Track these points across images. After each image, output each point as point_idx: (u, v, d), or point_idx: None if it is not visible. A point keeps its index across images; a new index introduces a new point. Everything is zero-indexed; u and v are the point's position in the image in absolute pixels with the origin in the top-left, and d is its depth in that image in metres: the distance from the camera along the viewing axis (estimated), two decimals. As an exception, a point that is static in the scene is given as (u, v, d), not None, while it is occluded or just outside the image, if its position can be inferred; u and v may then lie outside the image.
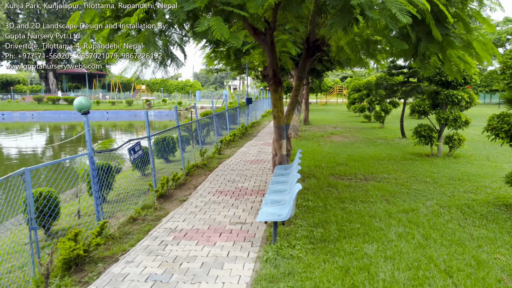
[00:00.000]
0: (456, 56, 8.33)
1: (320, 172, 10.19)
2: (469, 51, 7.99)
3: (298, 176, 5.93)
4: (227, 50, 17.46)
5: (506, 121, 6.83)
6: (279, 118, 9.70)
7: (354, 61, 10.40)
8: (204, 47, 15.60)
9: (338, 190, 8.39)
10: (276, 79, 9.51)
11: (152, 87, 76.36)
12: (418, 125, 12.33)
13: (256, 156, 12.92)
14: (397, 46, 7.90)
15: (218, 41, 16.36)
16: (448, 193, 8.05)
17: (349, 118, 28.58)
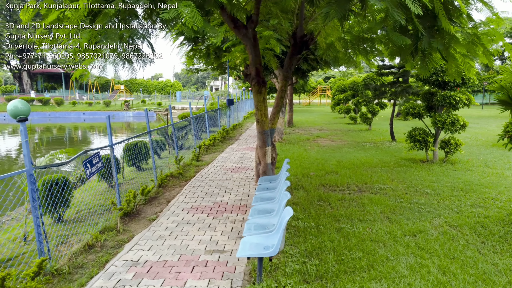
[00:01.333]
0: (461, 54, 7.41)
1: (308, 182, 9.16)
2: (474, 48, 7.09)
3: (288, 196, 4.86)
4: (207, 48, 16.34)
5: (527, 127, 5.86)
6: (263, 123, 8.64)
7: (343, 60, 9.41)
8: (182, 44, 14.46)
9: (331, 205, 7.36)
10: (259, 78, 8.46)
11: (131, 87, 74.38)
12: (412, 128, 11.44)
13: (238, 163, 11.82)
14: (398, 42, 6.92)
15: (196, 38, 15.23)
16: (455, 208, 7.12)
17: (334, 120, 27.73)
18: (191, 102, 53.20)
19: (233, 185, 9.10)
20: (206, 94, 52.06)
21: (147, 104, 54.22)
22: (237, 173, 10.41)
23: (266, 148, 8.79)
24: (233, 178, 9.81)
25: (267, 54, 10.89)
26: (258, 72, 8.47)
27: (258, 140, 8.82)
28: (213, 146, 15.04)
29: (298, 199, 7.78)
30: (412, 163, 11.20)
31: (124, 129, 40.22)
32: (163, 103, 55.52)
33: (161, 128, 11.31)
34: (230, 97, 23.66)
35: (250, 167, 11.16)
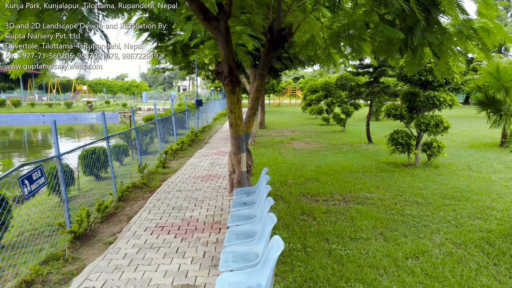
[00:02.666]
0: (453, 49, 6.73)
1: (288, 192, 8.30)
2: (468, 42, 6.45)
3: (274, 220, 3.94)
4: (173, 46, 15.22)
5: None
6: (237, 127, 7.72)
7: (322, 58, 8.59)
8: (146, 41, 13.31)
9: (317, 220, 6.51)
10: (232, 77, 7.53)
11: (94, 87, 71.56)
12: (394, 131, 10.81)
13: (209, 169, 10.82)
14: (390, 35, 6.22)
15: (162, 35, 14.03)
16: (452, 220, 6.43)
17: (307, 121, 27.11)
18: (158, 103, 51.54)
19: (204, 196, 8.11)
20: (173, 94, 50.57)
21: (111, 105, 52.10)
22: (208, 181, 9.41)
23: (240, 155, 7.88)
24: (204, 188, 8.81)
25: (239, 51, 9.97)
26: (231, 69, 7.55)
27: (231, 146, 7.89)
28: (181, 150, 13.95)
29: (278, 213, 6.89)
30: (394, 168, 10.55)
31: (87, 131, 38.25)
32: (128, 104, 53.55)
33: (121, 133, 10.15)
34: (199, 97, 22.56)
35: (223, 174, 10.19)
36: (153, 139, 14.20)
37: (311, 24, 7.92)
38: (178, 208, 7.31)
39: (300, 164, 11.15)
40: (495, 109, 13.87)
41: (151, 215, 6.94)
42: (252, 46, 10.83)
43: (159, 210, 7.19)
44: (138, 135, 11.74)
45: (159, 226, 6.37)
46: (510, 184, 8.82)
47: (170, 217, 6.79)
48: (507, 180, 9.15)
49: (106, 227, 6.60)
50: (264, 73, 8.15)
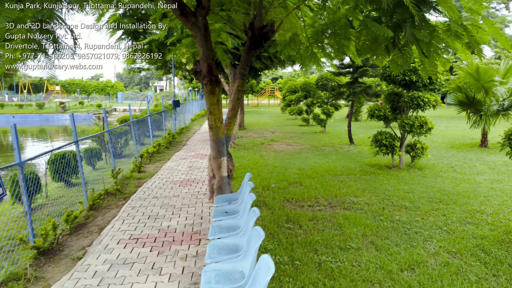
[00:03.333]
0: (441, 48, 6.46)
1: (271, 197, 7.91)
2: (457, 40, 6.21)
3: (261, 235, 3.53)
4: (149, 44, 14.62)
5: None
6: (217, 129, 7.28)
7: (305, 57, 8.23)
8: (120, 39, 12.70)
9: (303, 228, 6.14)
10: (212, 76, 7.10)
11: (68, 88, 69.58)
12: (377, 132, 10.56)
13: (187, 173, 10.32)
14: (379, 33, 5.91)
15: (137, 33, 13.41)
16: (443, 226, 6.17)
17: (286, 121, 26.83)
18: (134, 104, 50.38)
19: (182, 203, 7.63)
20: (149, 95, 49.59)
21: (85, 106, 50.66)
22: (186, 187, 8.93)
23: (221, 159, 7.45)
24: (182, 194, 8.33)
25: (218, 49, 9.51)
26: (210, 68, 7.11)
27: (211, 149, 7.45)
28: (158, 153, 13.38)
29: (262, 221, 6.48)
30: (378, 170, 10.31)
31: (60, 133, 36.95)
32: (103, 104, 52.19)
33: (92, 137, 9.55)
34: (176, 98, 21.95)
35: (202, 178, 9.72)
36: (128, 142, 13.59)
37: (294, 22, 7.57)
38: (154, 217, 6.80)
39: (282, 167, 10.78)
40: (475, 109, 13.87)
41: (124, 225, 6.42)
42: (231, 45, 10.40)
43: (134, 220, 6.68)
44: (112, 138, 11.14)
45: (133, 238, 5.86)
46: (495, 186, 8.68)
47: (146, 228, 6.29)
48: (492, 182, 9.02)
49: (75, 239, 6.05)
50: (245, 72, 7.75)
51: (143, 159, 11.22)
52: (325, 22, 6.94)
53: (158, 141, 14.03)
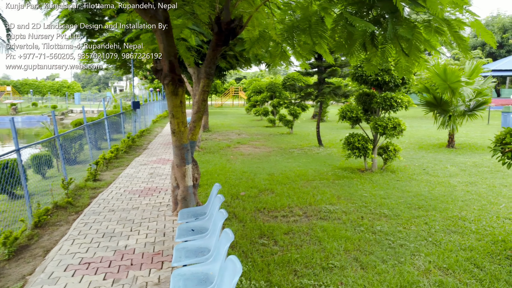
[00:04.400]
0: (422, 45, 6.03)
1: (241, 207, 7.26)
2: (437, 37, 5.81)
3: (237, 269, 2.89)
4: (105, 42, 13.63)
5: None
6: (181, 134, 6.56)
7: (274, 55, 7.65)
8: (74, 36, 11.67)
9: (279, 244, 5.53)
10: (174, 75, 6.38)
11: (20, 88, 65.87)
12: (349, 134, 10.15)
13: (148, 181, 9.48)
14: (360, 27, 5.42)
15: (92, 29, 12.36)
16: (428, 237, 5.74)
17: (252, 123, 26.23)
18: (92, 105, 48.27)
19: (142, 217, 6.83)
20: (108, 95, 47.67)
21: (39, 107, 47.95)
22: (147, 197, 8.11)
23: (185, 167, 6.74)
24: (142, 205, 7.52)
25: (180, 46, 8.76)
26: (172, 67, 6.39)
27: (175, 156, 6.71)
28: (116, 159, 12.40)
29: (233, 236, 5.81)
30: (351, 174, 9.89)
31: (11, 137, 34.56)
32: (59, 106, 49.70)
33: (38, 143, 8.54)
34: (136, 99, 20.84)
35: (164, 187, 8.93)
36: (83, 147, 12.53)
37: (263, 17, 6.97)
38: (109, 235, 5.98)
39: (251, 172, 10.15)
40: (442, 110, 13.82)
41: (74, 246, 5.57)
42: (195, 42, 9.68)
43: (86, 239, 5.83)
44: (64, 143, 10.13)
45: (84, 262, 5.04)
46: (471, 189, 8.45)
47: (99, 249, 5.47)
48: (466, 185, 8.80)
49: (14, 266, 5.15)
50: (211, 71, 7.07)
51: (99, 166, 10.26)
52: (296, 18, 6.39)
53: (116, 145, 13.04)
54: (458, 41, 5.43)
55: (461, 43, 5.41)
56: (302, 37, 6.60)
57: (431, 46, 6.04)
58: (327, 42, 6.83)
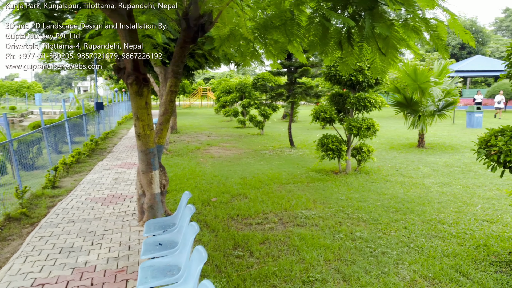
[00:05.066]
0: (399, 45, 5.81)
1: (213, 215, 6.83)
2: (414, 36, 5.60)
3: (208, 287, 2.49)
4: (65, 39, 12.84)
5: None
6: (147, 138, 6.08)
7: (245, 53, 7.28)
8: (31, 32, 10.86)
9: (254, 256, 5.14)
10: (139, 74, 5.90)
11: (-25, 88, 62.53)
12: (323, 135, 9.91)
13: (112, 188, 8.88)
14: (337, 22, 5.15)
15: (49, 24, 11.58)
16: (409, 243, 5.51)
17: (221, 124, 25.72)
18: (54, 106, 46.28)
19: (105, 229, 6.28)
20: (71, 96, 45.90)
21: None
22: (110, 205, 7.54)
23: (152, 173, 6.26)
24: (105, 215, 6.95)
25: (146, 43, 8.22)
26: (136, 65, 5.90)
27: (140, 162, 6.22)
28: (78, 163, 11.67)
29: (205, 248, 5.38)
30: (326, 176, 9.64)
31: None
32: (18, 107, 47.44)
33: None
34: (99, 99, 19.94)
35: (130, 193, 8.37)
36: (42, 151, 11.71)
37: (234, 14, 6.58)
38: (68, 250, 5.42)
39: (222, 176, 9.72)
40: (412, 110, 13.86)
41: (27, 265, 4.98)
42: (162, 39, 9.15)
43: (41, 256, 5.24)
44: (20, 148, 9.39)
45: (37, 284, 4.48)
46: (445, 190, 8.37)
47: (56, 267, 4.91)
48: (440, 186, 8.72)
49: (-46, 290, 4.52)
50: (179, 70, 6.61)
51: (58, 172, 9.55)
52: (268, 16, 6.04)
53: (78, 149, 12.28)
54: (436, 40, 5.20)
55: (439, 42, 5.18)
56: (274, 35, 6.27)
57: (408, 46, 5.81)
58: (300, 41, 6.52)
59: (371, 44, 5.65)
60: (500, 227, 6.13)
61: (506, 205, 7.21)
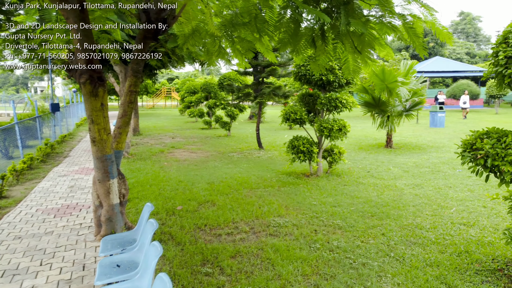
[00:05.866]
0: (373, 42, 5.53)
1: (178, 225, 6.29)
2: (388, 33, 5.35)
3: None
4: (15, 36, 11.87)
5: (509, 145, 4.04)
6: (103, 143, 5.50)
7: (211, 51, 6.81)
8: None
9: (225, 273, 4.67)
10: (93, 73, 5.30)
11: None
12: (293, 137, 9.56)
13: (67, 197, 8.14)
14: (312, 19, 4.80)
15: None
16: (389, 251, 5.21)
17: (186, 125, 24.96)
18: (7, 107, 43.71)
19: (57, 245, 5.61)
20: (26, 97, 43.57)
21: None
22: (64, 217, 6.84)
23: (110, 182, 5.68)
24: (58, 229, 6.26)
25: (102, 39, 7.57)
26: (90, 62, 5.30)
27: (96, 170, 5.62)
28: (30, 170, 10.75)
29: (169, 265, 4.86)
30: (297, 180, 9.29)
31: None
32: (-33, 108, 44.50)
33: None
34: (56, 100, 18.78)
35: (86, 203, 7.68)
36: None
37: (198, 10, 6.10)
38: (12, 273, 4.74)
39: (188, 181, 9.16)
40: (380, 110, 13.80)
41: (-40, 293, 4.29)
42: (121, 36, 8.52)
43: (-22, 281, 4.55)
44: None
45: (-30, 317, 3.82)
46: (418, 192, 8.21)
47: (-5, 294, 4.25)
48: (413, 187, 8.56)
49: None
50: (139, 68, 6.06)
51: (5, 181, 8.67)
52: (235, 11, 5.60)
53: (30, 154, 11.33)
54: (414, 38, 4.92)
55: (416, 40, 4.91)
56: (242, 32, 5.84)
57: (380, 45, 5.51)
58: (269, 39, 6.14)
59: (346, 42, 5.31)
60: (477, 230, 5.96)
61: (480, 207, 7.10)
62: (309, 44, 5.52)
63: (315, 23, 5.19)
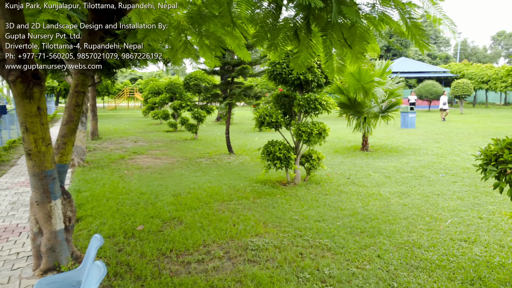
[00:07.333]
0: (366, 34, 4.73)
1: (139, 252, 5.26)
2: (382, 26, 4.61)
3: None
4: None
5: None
6: (41, 156, 4.43)
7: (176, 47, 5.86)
8: None
9: (197, 320, 3.72)
10: (26, 70, 4.22)
11: None
12: (269, 142, 8.69)
13: (6, 216, 6.90)
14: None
15: None
16: (392, 281, 4.41)
17: (150, 127, 23.59)
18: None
19: (-18, 285, 4.47)
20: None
21: None
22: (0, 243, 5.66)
23: (51, 204, 4.62)
24: (-12, 261, 5.09)
25: (46, 30, 6.39)
26: (22, 55, 4.20)
27: (33, 190, 4.54)
28: (-34, 182, 9.33)
29: (126, 311, 3.85)
30: (273, 189, 8.42)
31: None
32: None
33: None
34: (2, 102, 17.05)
35: (29, 224, 6.48)
36: None
37: None
38: None
39: (151, 194, 8.10)
40: (356, 111, 13.20)
41: None
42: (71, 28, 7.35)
43: None
44: None
45: None
46: (405, 201, 7.54)
47: None
48: (399, 196, 7.90)
49: None
50: (87, 64, 4.98)
51: None
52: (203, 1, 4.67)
53: (-33, 163, 9.89)
54: (414, 29, 4.14)
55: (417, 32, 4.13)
56: (211, 25, 4.93)
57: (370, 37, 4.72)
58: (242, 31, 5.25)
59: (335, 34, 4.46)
60: (482, 248, 5.29)
61: (476, 218, 6.49)
62: (290, 38, 4.64)
63: (297, 13, 4.34)
